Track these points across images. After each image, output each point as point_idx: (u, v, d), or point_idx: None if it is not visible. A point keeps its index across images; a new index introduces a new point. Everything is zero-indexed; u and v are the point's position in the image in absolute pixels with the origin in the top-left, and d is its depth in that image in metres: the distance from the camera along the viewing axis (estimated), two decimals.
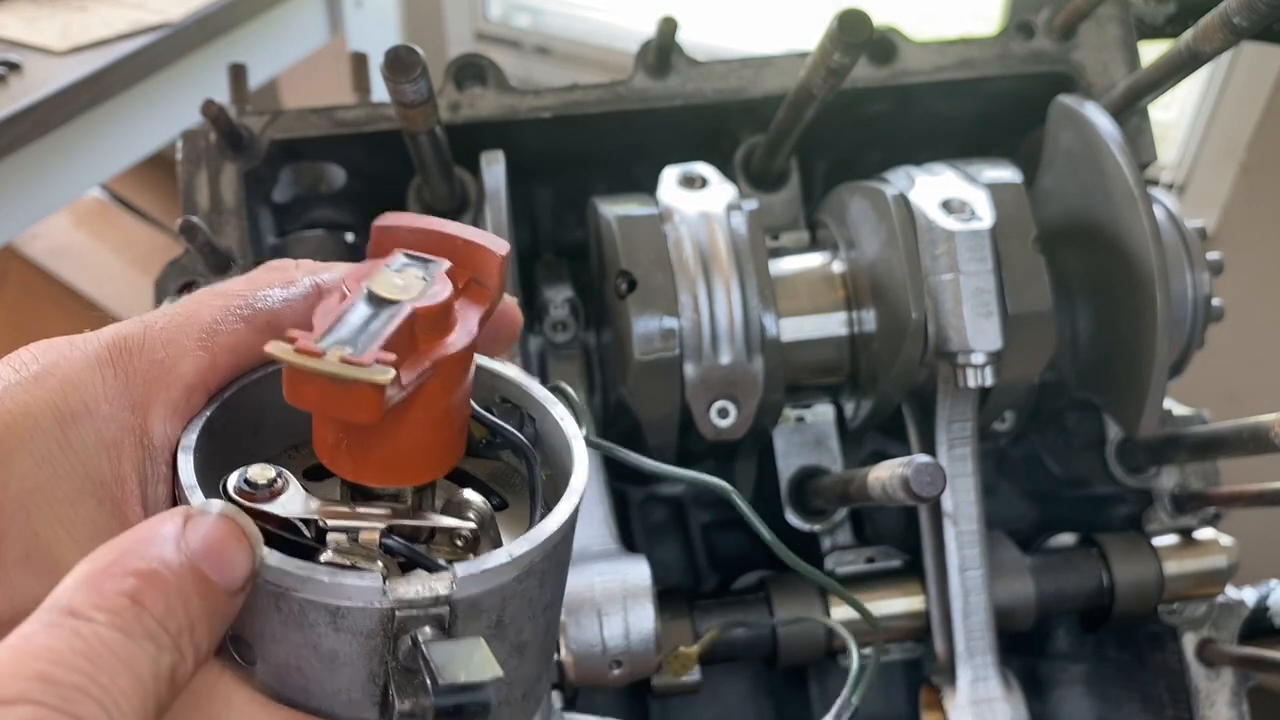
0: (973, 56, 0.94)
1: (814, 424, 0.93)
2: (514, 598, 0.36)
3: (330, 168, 0.97)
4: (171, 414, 0.37)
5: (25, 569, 0.33)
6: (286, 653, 0.35)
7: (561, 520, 0.37)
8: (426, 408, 0.35)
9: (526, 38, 2.70)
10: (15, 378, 0.35)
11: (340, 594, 0.33)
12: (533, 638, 0.38)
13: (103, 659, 0.28)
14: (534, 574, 0.36)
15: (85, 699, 0.27)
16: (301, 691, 0.36)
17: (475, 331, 0.36)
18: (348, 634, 0.34)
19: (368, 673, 0.35)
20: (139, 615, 0.29)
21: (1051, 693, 0.98)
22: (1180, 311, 0.89)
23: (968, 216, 0.80)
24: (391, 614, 0.34)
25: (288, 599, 0.34)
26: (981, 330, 0.79)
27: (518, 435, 0.41)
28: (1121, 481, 0.93)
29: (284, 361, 0.31)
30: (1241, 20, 0.70)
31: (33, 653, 0.27)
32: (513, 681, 0.39)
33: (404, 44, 0.71)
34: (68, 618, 0.29)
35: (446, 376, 0.35)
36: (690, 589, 0.98)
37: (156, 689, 0.29)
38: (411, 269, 0.36)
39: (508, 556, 0.35)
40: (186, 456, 0.36)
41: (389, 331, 0.32)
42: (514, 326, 0.45)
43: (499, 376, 0.43)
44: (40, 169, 1.73)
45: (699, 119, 0.95)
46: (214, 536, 0.32)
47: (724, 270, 0.81)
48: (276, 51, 2.14)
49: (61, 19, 1.88)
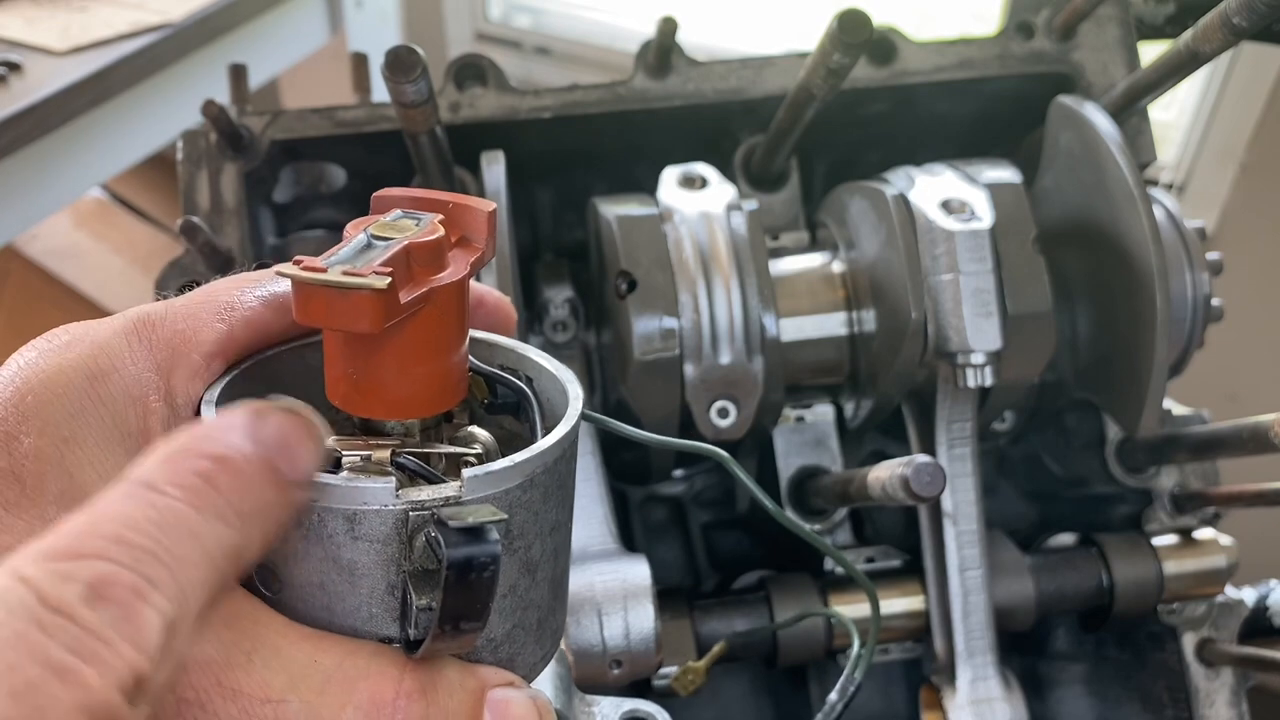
0: (972, 57, 0.94)
1: (814, 424, 0.93)
2: (519, 507, 0.38)
3: (330, 168, 0.97)
4: (193, 376, 0.40)
5: (63, 506, 0.35)
6: (309, 570, 0.37)
7: (561, 435, 0.39)
8: (426, 336, 0.38)
9: (527, 38, 2.70)
10: (48, 346, 0.38)
11: (356, 498, 0.35)
12: (542, 558, 0.40)
13: (174, 529, 0.30)
14: (537, 486, 0.38)
15: (155, 563, 0.29)
16: (324, 610, 0.37)
17: (467, 271, 0.39)
18: (365, 541, 0.36)
19: (386, 584, 0.37)
20: (211, 494, 0.31)
21: (1051, 692, 0.98)
22: (1180, 311, 0.89)
23: (967, 217, 0.81)
24: (405, 515, 0.36)
25: (307, 510, 0.36)
26: (981, 330, 0.79)
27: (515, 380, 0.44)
28: (1121, 481, 0.93)
29: (292, 276, 0.34)
30: (1241, 20, 0.70)
31: (110, 516, 0.29)
32: (526, 604, 0.40)
33: (404, 44, 0.71)
34: (145, 489, 0.30)
35: (443, 305, 0.38)
36: (690, 589, 0.98)
37: (221, 566, 0.31)
38: (406, 220, 0.39)
39: (511, 463, 0.37)
40: (209, 408, 0.39)
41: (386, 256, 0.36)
42: (508, 321, 0.48)
43: (495, 345, 0.46)
44: (41, 169, 1.73)
45: (699, 119, 0.95)
46: (284, 429, 0.34)
47: (724, 270, 0.81)
48: (277, 51, 2.15)
49: (62, 19, 1.89)
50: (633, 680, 0.78)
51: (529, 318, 0.94)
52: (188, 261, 0.88)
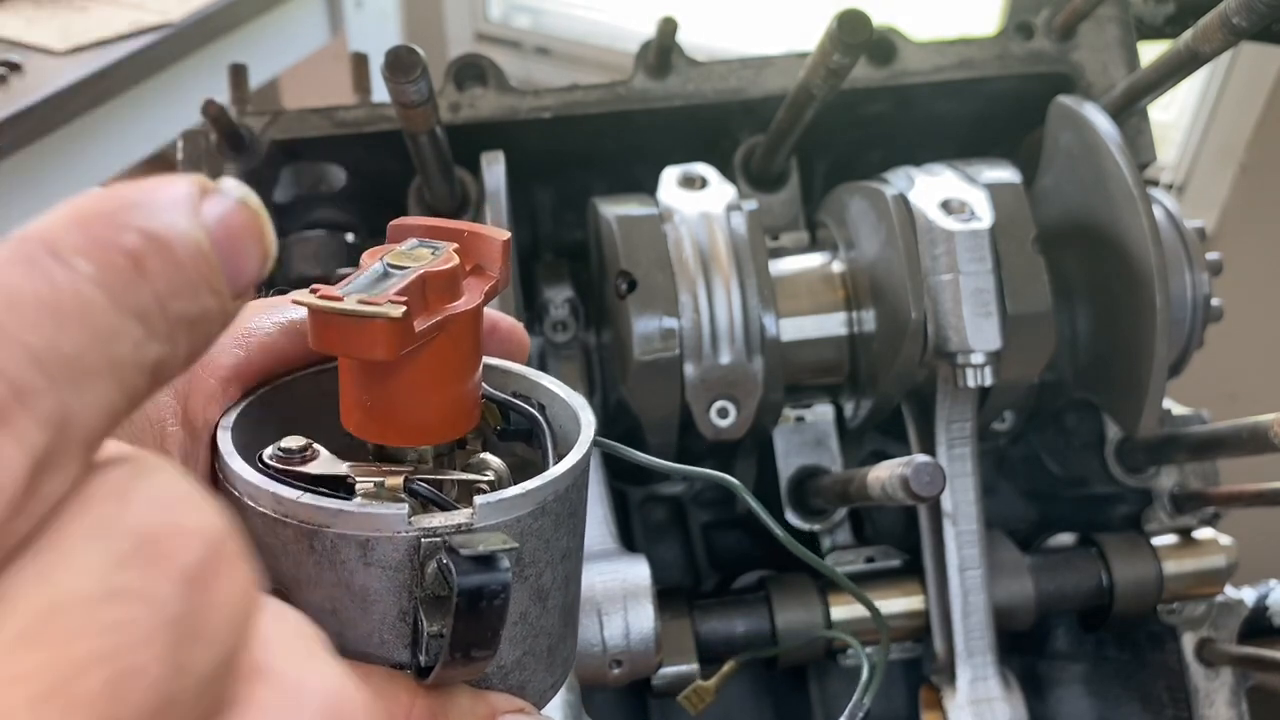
0: (972, 57, 0.94)
1: (814, 424, 0.93)
2: (531, 535, 0.38)
3: (331, 168, 0.97)
4: (209, 401, 0.39)
5: None
6: (321, 596, 0.37)
7: (572, 463, 0.39)
8: (440, 364, 0.38)
9: (527, 38, 2.70)
10: None
11: (369, 524, 0.36)
12: (553, 585, 0.40)
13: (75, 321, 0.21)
14: (548, 513, 0.39)
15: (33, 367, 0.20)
16: (336, 636, 0.38)
17: (481, 299, 0.39)
18: (377, 568, 0.36)
19: (398, 610, 0.37)
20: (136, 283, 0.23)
21: (1051, 692, 0.98)
22: (1179, 311, 0.89)
23: (967, 217, 0.81)
24: (418, 542, 0.36)
25: (320, 536, 0.36)
26: (981, 330, 0.79)
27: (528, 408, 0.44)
28: (1121, 481, 0.93)
29: (308, 305, 0.34)
30: (1241, 20, 0.70)
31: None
32: (536, 632, 0.41)
33: (404, 44, 0.71)
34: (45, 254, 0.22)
35: (457, 334, 0.38)
36: (690, 588, 0.98)
37: (133, 382, 0.23)
38: (422, 249, 0.40)
39: (523, 490, 0.38)
40: (225, 433, 0.39)
41: (402, 284, 0.36)
42: (521, 348, 0.47)
43: (508, 373, 0.46)
44: (41, 169, 1.73)
45: (699, 119, 0.95)
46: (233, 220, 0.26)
47: (724, 270, 0.81)
48: (277, 52, 2.15)
49: (62, 19, 1.89)
50: (632, 680, 0.78)
51: (529, 318, 0.94)
52: None
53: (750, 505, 0.52)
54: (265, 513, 0.37)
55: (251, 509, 0.37)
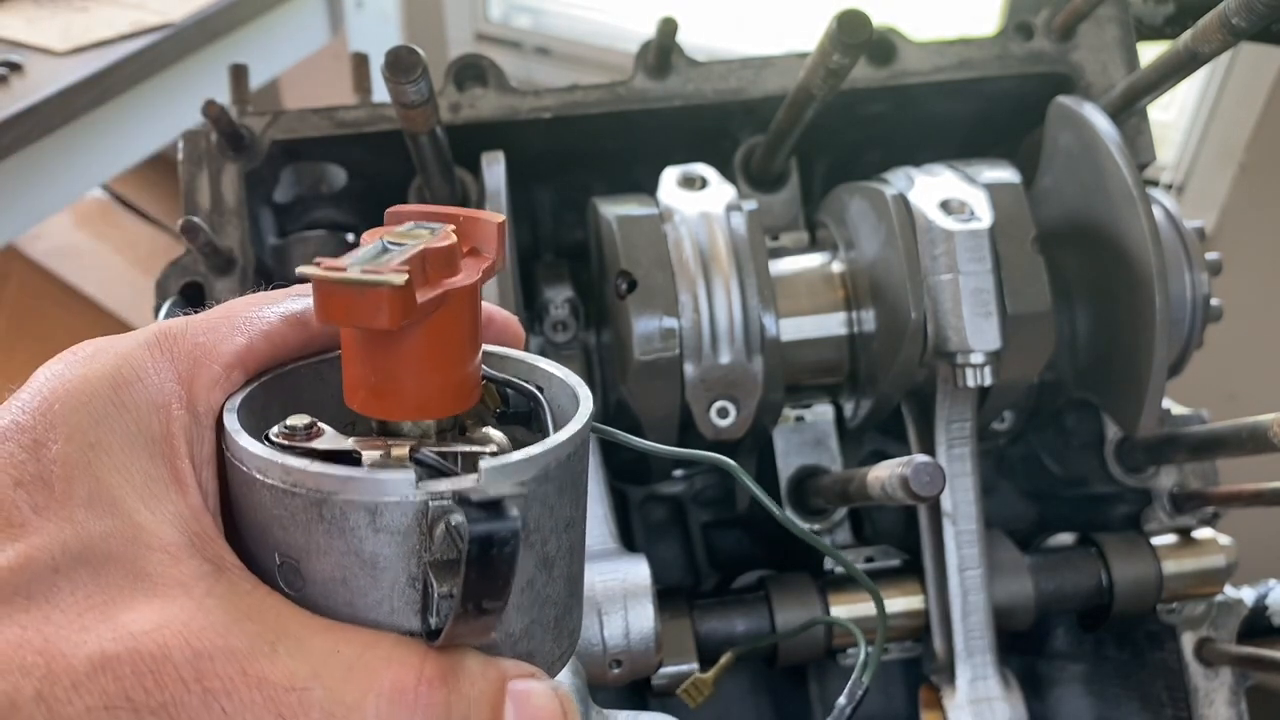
0: (972, 57, 0.94)
1: (813, 424, 0.94)
2: (535, 501, 0.39)
3: (331, 168, 0.97)
4: (213, 386, 0.41)
5: (90, 508, 0.36)
6: (331, 565, 0.38)
7: (575, 430, 0.40)
8: (441, 337, 0.39)
9: (527, 38, 2.70)
10: (73, 358, 0.40)
11: (377, 490, 0.36)
12: (557, 554, 0.41)
13: None
14: (552, 480, 0.39)
15: None
16: (347, 605, 0.38)
17: (480, 276, 0.40)
18: (386, 534, 0.37)
19: (407, 575, 0.38)
20: None
21: (1050, 692, 0.99)
22: (1179, 311, 0.89)
23: (967, 217, 0.81)
24: (425, 506, 0.37)
25: (330, 504, 0.37)
26: (980, 330, 0.79)
27: (527, 386, 0.45)
28: (1120, 481, 0.94)
29: (312, 275, 0.35)
30: (1240, 21, 0.70)
31: None
32: (543, 600, 0.41)
33: (405, 45, 0.71)
34: None
35: (457, 308, 0.39)
36: (690, 588, 0.98)
37: None
38: (420, 229, 0.40)
39: (527, 455, 0.38)
40: (232, 414, 0.40)
41: (404, 258, 0.37)
42: (517, 340, 0.49)
43: (506, 358, 0.47)
44: (42, 169, 1.73)
45: (699, 119, 0.95)
46: None
47: (724, 270, 0.81)
48: (277, 52, 2.15)
49: (63, 19, 1.89)
50: (632, 679, 0.78)
51: (529, 318, 0.94)
52: (189, 261, 0.89)
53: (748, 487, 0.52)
54: (274, 484, 0.37)
55: (260, 483, 0.38)
